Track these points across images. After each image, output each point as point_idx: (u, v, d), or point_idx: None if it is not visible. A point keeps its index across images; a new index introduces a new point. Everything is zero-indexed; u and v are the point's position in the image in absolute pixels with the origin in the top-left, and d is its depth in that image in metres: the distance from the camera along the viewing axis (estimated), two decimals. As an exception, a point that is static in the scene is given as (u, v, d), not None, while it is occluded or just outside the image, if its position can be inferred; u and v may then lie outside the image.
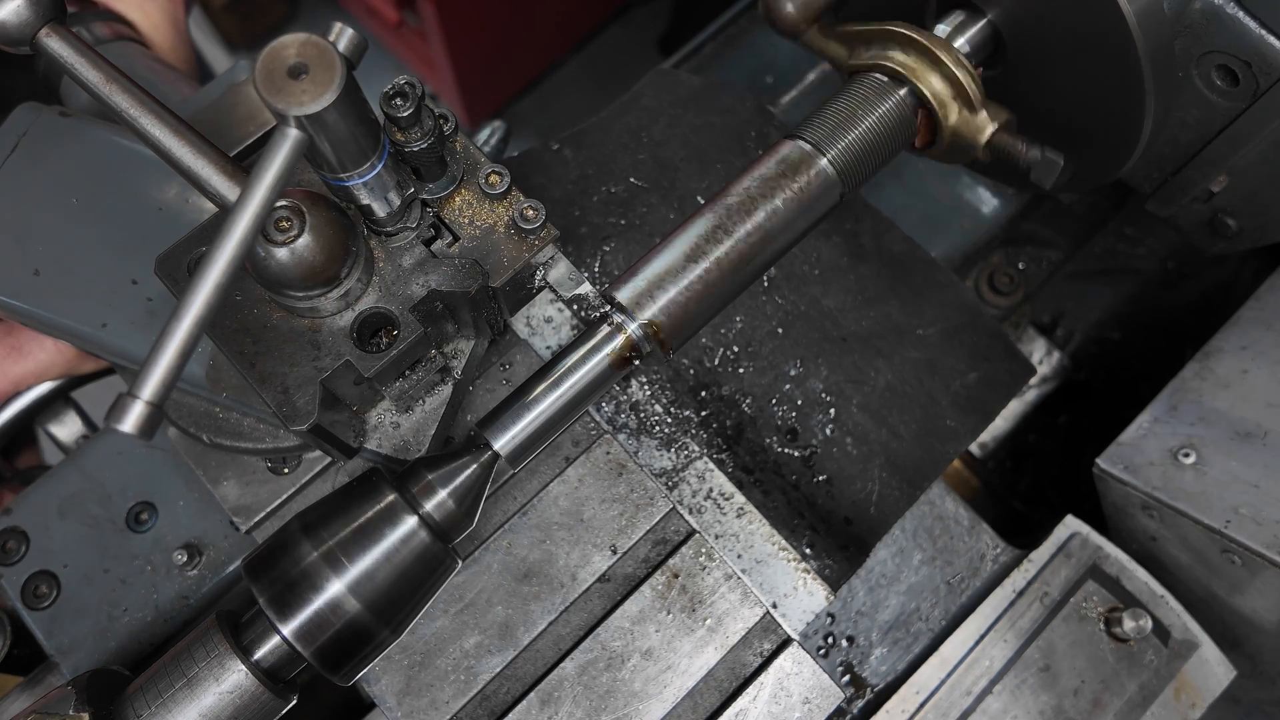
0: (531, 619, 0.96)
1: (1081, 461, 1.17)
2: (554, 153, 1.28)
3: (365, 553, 0.80)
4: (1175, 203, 1.14)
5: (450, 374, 0.94)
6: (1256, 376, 1.10)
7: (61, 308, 0.98)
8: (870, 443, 1.17)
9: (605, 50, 3.86)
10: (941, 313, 1.23)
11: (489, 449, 0.85)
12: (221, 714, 0.79)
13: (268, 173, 0.67)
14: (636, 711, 0.94)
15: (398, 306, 0.85)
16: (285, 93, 0.65)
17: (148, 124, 0.74)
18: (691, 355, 1.19)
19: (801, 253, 1.23)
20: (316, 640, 0.79)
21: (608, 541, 0.99)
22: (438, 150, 0.85)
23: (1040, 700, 1.05)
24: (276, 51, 0.65)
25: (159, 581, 1.07)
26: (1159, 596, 1.08)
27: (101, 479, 1.10)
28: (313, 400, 0.81)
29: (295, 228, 0.77)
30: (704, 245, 0.90)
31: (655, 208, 1.25)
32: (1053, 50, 0.96)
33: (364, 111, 0.73)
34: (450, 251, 0.89)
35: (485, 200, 0.91)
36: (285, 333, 0.84)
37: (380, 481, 0.84)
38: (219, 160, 0.75)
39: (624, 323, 0.88)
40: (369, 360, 0.84)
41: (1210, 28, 0.94)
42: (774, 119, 1.29)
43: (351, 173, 0.77)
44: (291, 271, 0.78)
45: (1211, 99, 1.00)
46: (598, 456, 1.03)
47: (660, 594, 0.98)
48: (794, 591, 1.00)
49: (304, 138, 0.68)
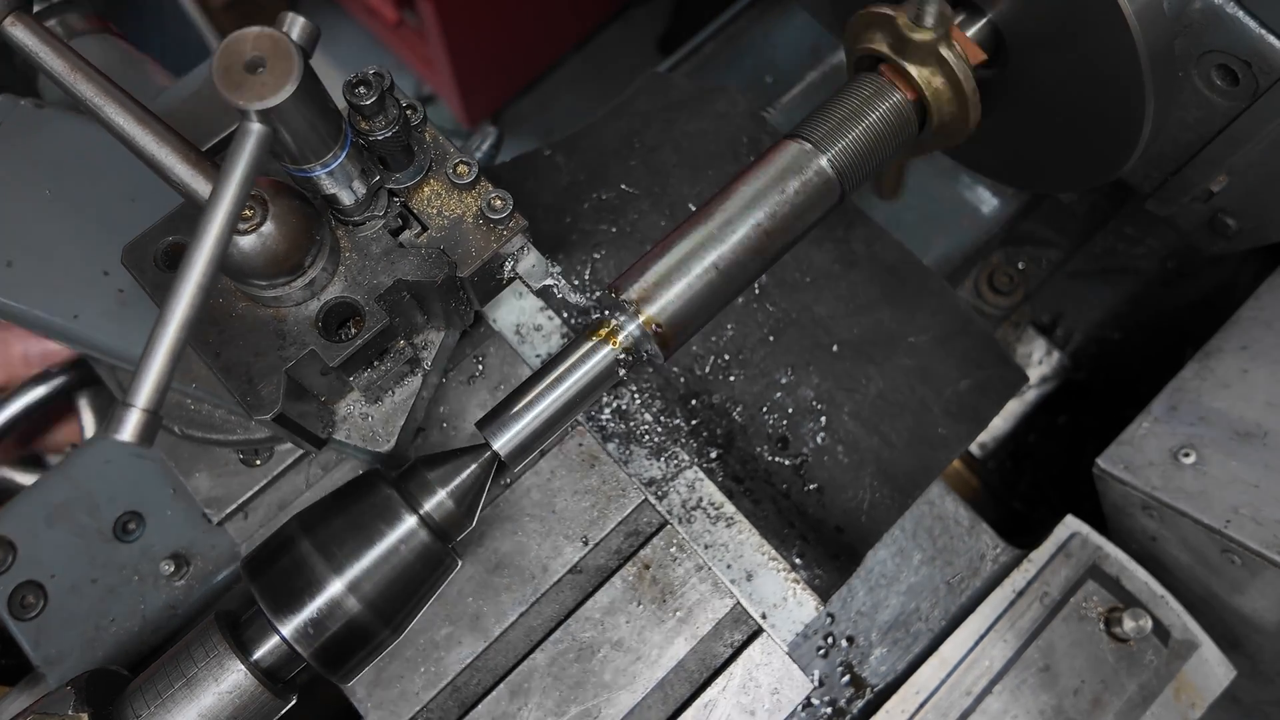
0: (502, 610, 0.97)
1: (1081, 461, 1.17)
2: (546, 158, 1.28)
3: (364, 552, 0.80)
4: (1175, 202, 1.14)
5: (420, 365, 0.94)
6: (1256, 376, 1.10)
7: (33, 299, 0.98)
8: (861, 451, 1.16)
9: (605, 50, 3.86)
10: (933, 320, 1.22)
11: (489, 448, 0.85)
12: (221, 714, 0.79)
13: (236, 170, 0.67)
14: (606, 702, 0.94)
15: (364, 296, 0.85)
16: (244, 87, 0.65)
17: (112, 113, 0.74)
18: (682, 363, 1.18)
19: (793, 260, 1.23)
20: (316, 640, 0.79)
21: (579, 533, 1.00)
22: (403, 139, 0.85)
23: (1040, 700, 1.05)
24: (232, 47, 0.65)
25: (146, 592, 1.06)
26: (1159, 596, 1.08)
27: (90, 488, 1.10)
28: (277, 390, 0.81)
29: (258, 216, 0.77)
30: (704, 245, 0.89)
31: (646, 214, 1.24)
32: (1053, 50, 0.96)
33: (324, 101, 0.73)
34: (418, 241, 0.89)
35: (453, 190, 0.90)
36: (250, 322, 0.84)
37: (379, 481, 0.83)
38: (184, 150, 0.75)
39: (624, 321, 0.88)
40: (334, 350, 0.83)
41: (1210, 27, 0.94)
42: (766, 124, 1.29)
43: (314, 163, 0.76)
44: (254, 260, 0.78)
45: (1211, 99, 1.00)
46: (570, 449, 1.03)
47: (631, 585, 0.99)
48: (784, 602, 1.00)
49: (267, 131, 0.68)
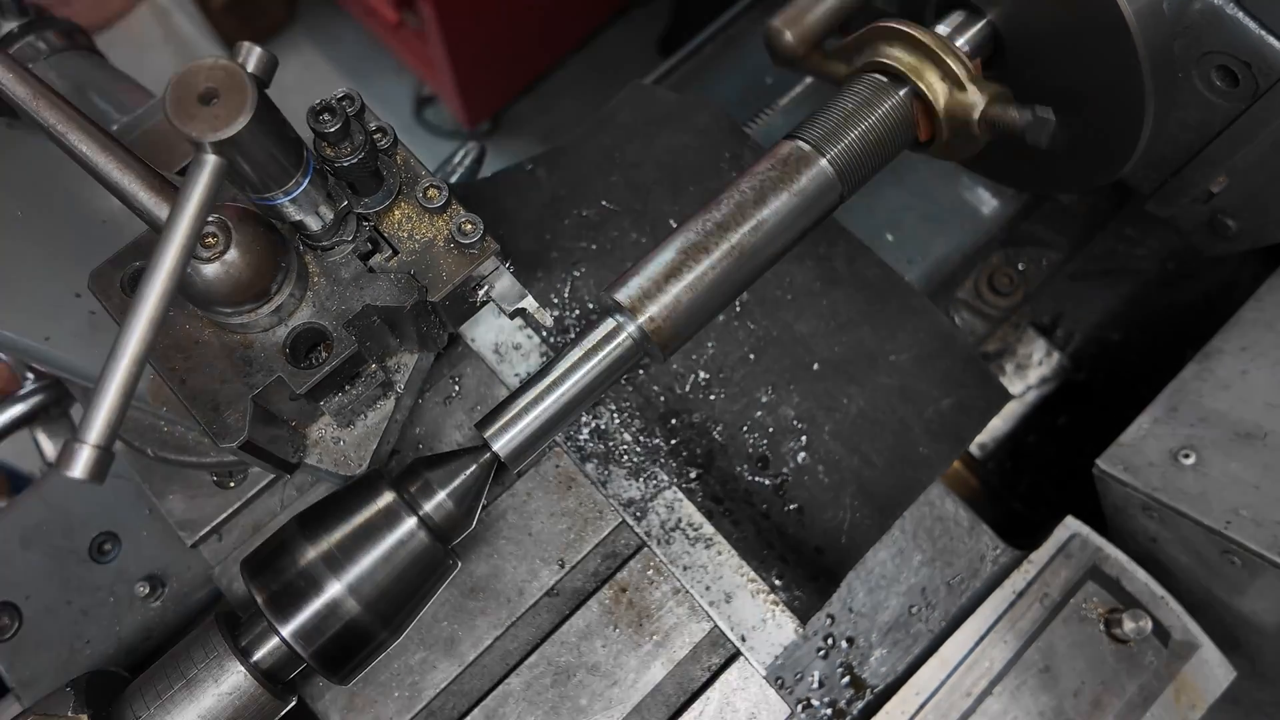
0: (478, 634, 0.96)
1: (1081, 462, 1.17)
2: (528, 173, 1.27)
3: (364, 553, 0.80)
4: (1175, 203, 1.14)
5: (393, 388, 0.93)
6: (1256, 377, 1.10)
7: (4, 321, 0.97)
8: (842, 471, 1.14)
9: (605, 51, 3.86)
10: (915, 338, 1.20)
11: (488, 450, 0.85)
12: (220, 715, 0.79)
13: (190, 202, 0.67)
14: None
15: (332, 322, 0.84)
16: (197, 119, 0.64)
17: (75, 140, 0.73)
18: (662, 382, 1.17)
19: (774, 277, 1.22)
20: (316, 641, 0.79)
21: (555, 555, 0.99)
22: (370, 164, 0.84)
23: (1040, 701, 1.05)
24: (185, 78, 0.64)
25: (122, 613, 1.06)
26: (1159, 597, 1.08)
27: (65, 509, 1.09)
28: (243, 418, 0.80)
29: (221, 244, 0.76)
30: (704, 246, 0.89)
31: (626, 232, 1.23)
32: (1053, 51, 0.96)
33: (282, 130, 0.72)
34: (389, 265, 0.88)
35: (424, 214, 0.89)
36: (217, 349, 0.83)
37: (379, 482, 0.83)
38: (147, 177, 0.74)
39: (624, 322, 0.88)
40: (301, 377, 0.82)
41: (1210, 28, 0.94)
42: (749, 140, 1.27)
43: (275, 191, 0.76)
44: (218, 288, 0.77)
45: (1211, 99, 1.00)
46: (546, 470, 1.02)
47: (608, 609, 0.98)
48: (762, 624, 0.99)
49: (222, 162, 0.67)
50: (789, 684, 1.07)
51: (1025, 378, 1.70)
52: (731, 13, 1.54)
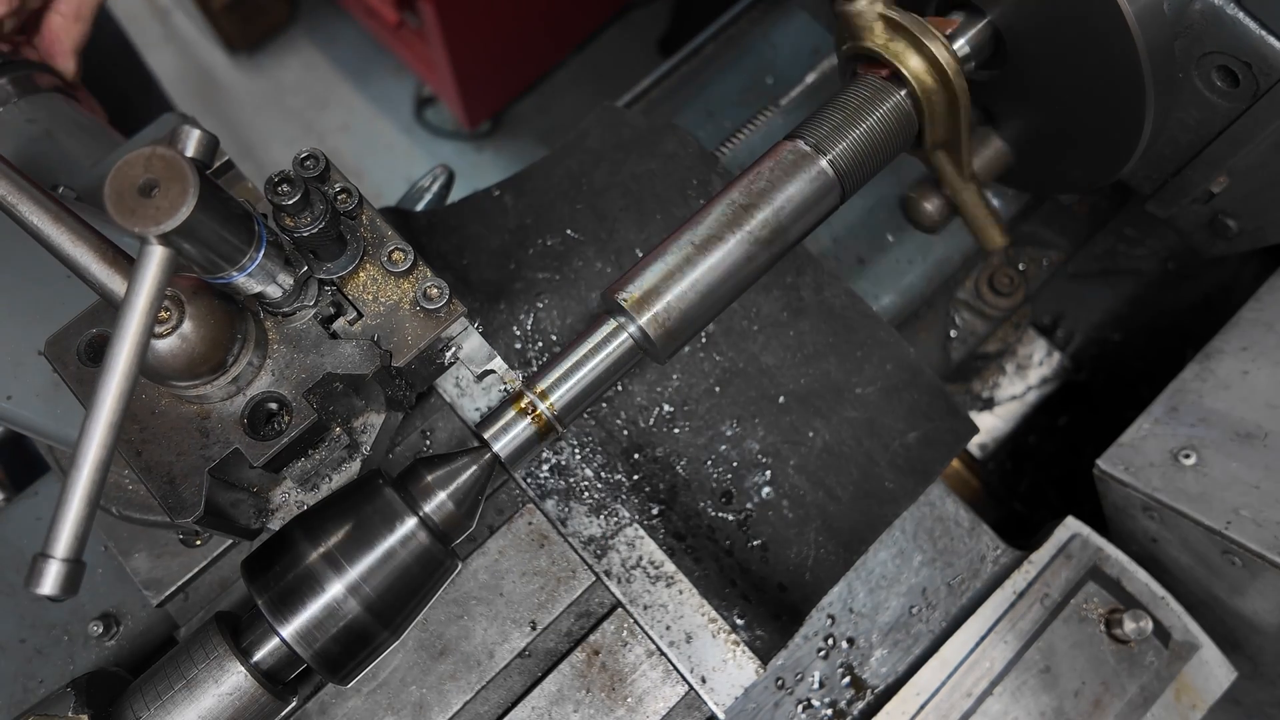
0: (447, 699, 0.94)
1: (1082, 463, 1.17)
2: (495, 198, 1.25)
3: (364, 554, 0.80)
4: (1175, 204, 1.14)
5: (359, 449, 0.90)
6: (1257, 377, 1.10)
7: None
8: (807, 506, 1.12)
9: (605, 51, 3.86)
10: (881, 370, 1.18)
11: (489, 450, 0.85)
12: (220, 715, 0.79)
13: (139, 298, 0.65)
14: None
15: (292, 390, 0.81)
16: (138, 214, 0.62)
17: (26, 211, 0.71)
18: (626, 414, 1.15)
19: (741, 307, 1.20)
20: (316, 642, 0.78)
21: (527, 616, 0.97)
22: (332, 231, 0.81)
23: (1041, 702, 1.05)
24: (123, 171, 0.62)
25: (76, 651, 1.05)
26: (1159, 598, 1.08)
27: (19, 545, 1.08)
28: (199, 492, 0.78)
29: (175, 318, 0.74)
30: (705, 246, 0.89)
31: (590, 261, 1.21)
32: (1053, 51, 0.96)
33: (228, 210, 0.70)
34: (353, 330, 0.85)
35: (390, 277, 0.86)
36: (173, 419, 0.80)
37: (380, 482, 0.83)
38: (100, 248, 0.72)
39: (624, 323, 0.88)
40: (258, 449, 0.80)
41: (1210, 28, 0.94)
42: (718, 165, 1.26)
43: (228, 269, 0.74)
44: (172, 363, 0.75)
45: (1211, 100, 1.00)
46: (519, 527, 1.01)
47: (580, 672, 0.96)
48: (723, 665, 0.98)
49: (170, 253, 0.66)
50: (789, 684, 1.07)
51: (1025, 378, 1.70)
52: (731, 13, 1.54)
